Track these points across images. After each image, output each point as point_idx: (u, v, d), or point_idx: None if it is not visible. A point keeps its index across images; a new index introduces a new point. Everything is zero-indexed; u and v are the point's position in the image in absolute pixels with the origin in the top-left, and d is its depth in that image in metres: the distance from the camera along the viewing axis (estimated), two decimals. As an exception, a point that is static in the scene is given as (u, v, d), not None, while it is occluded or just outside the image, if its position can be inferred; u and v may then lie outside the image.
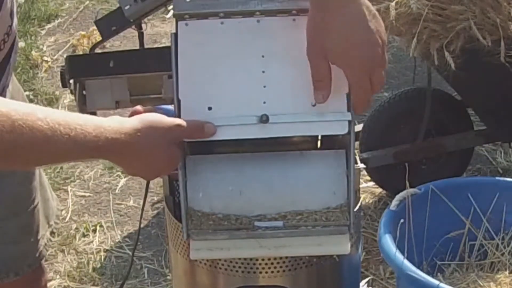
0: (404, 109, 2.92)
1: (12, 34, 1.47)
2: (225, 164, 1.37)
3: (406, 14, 2.37)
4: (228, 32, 1.34)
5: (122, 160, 1.25)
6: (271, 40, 1.33)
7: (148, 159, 1.26)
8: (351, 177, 1.34)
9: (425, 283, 1.91)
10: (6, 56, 1.48)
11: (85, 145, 1.17)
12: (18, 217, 1.76)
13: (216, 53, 1.33)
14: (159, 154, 1.26)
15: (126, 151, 1.22)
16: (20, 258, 1.82)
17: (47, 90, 3.99)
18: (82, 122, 1.17)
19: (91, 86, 1.54)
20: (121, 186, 3.31)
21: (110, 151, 1.21)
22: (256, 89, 1.32)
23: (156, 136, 1.24)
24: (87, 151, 1.19)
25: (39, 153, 1.16)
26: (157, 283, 2.79)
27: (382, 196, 3.10)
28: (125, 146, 1.21)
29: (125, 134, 1.21)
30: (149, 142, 1.24)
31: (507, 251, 2.24)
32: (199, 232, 1.34)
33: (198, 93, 1.31)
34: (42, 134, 1.12)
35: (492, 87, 2.69)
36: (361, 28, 1.28)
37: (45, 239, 1.85)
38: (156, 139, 1.25)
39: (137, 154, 1.24)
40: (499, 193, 2.25)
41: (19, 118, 1.10)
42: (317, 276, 1.45)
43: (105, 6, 4.75)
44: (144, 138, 1.23)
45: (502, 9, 2.33)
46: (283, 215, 1.34)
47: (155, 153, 1.26)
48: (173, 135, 1.27)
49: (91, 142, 1.17)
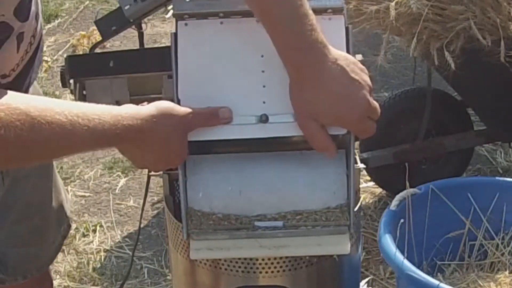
0: (404, 109, 2.92)
1: (38, 35, 1.48)
2: (225, 164, 1.37)
3: (406, 14, 2.37)
4: (228, 32, 1.34)
5: (137, 148, 1.26)
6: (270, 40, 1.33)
7: (162, 146, 1.26)
8: (351, 177, 1.34)
9: (425, 283, 1.91)
10: (32, 56, 1.48)
11: (104, 134, 1.18)
12: (31, 221, 1.76)
13: (215, 52, 1.33)
14: (173, 142, 1.27)
15: (142, 137, 1.23)
16: (30, 262, 1.81)
17: (47, 90, 3.99)
18: (99, 112, 1.18)
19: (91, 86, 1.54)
20: (121, 186, 3.31)
21: (127, 138, 1.22)
22: (255, 89, 1.32)
23: (171, 124, 1.25)
24: (105, 139, 1.20)
25: (59, 147, 1.17)
26: (157, 283, 2.79)
27: (382, 196, 3.10)
28: (141, 132, 1.22)
29: (141, 120, 1.22)
30: (165, 129, 1.25)
31: (507, 251, 2.24)
32: (199, 232, 1.34)
33: (197, 93, 1.31)
34: (62, 128, 1.14)
35: (492, 87, 2.69)
36: (344, 80, 1.28)
37: (57, 243, 1.85)
38: (172, 127, 1.26)
39: (152, 140, 1.25)
40: (499, 193, 2.25)
41: (38, 114, 1.12)
42: (317, 276, 1.45)
43: (105, 6, 4.75)
44: (160, 124, 1.24)
45: (502, 9, 2.33)
46: (283, 215, 1.34)
47: (169, 140, 1.26)
48: (188, 124, 1.28)
49: (110, 130, 1.19)
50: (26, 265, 1.81)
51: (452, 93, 2.98)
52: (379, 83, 3.84)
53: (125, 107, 1.23)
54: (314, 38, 1.25)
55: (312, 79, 1.27)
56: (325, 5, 1.34)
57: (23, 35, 1.40)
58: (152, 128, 1.23)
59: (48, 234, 1.81)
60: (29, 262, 1.81)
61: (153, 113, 1.23)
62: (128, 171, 3.39)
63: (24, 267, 1.80)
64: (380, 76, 3.74)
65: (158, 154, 1.28)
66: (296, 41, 1.25)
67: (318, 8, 1.32)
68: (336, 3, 1.34)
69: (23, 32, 1.39)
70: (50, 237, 1.82)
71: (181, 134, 1.27)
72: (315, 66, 1.26)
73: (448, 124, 2.93)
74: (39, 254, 1.82)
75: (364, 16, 2.44)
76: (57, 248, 1.86)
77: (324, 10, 1.34)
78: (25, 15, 1.39)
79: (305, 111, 1.29)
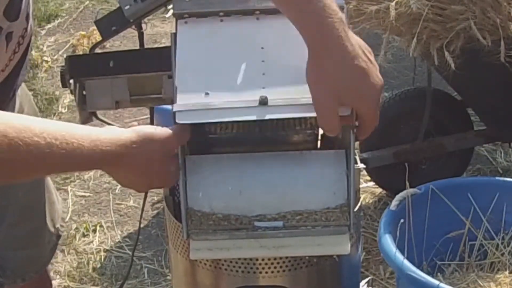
0: (404, 109, 2.92)
1: (27, 36, 1.48)
2: (225, 164, 1.37)
3: (406, 14, 2.37)
4: (228, 27, 1.34)
5: (117, 171, 1.26)
6: (271, 33, 1.33)
7: (143, 171, 1.26)
8: (351, 177, 1.34)
9: (425, 283, 1.91)
10: (21, 58, 1.48)
11: (82, 158, 1.18)
12: (27, 223, 1.76)
13: (215, 44, 1.33)
14: (154, 166, 1.26)
15: (122, 162, 1.23)
16: (28, 264, 1.81)
17: (47, 90, 4.00)
18: (79, 136, 1.17)
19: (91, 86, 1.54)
20: (121, 186, 3.31)
21: (105, 162, 1.22)
22: (255, 76, 1.30)
23: (152, 149, 1.25)
24: (84, 163, 1.20)
25: (37, 168, 1.17)
26: (157, 283, 2.79)
27: (382, 196, 3.10)
28: (121, 157, 1.22)
29: (120, 145, 1.21)
30: (145, 155, 1.24)
31: (507, 251, 2.24)
32: (199, 232, 1.34)
33: (195, 80, 1.30)
34: (39, 150, 1.12)
35: (492, 87, 2.69)
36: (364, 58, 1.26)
37: (51, 243, 1.85)
38: (153, 152, 1.25)
39: (132, 165, 1.24)
40: (499, 193, 2.25)
41: (16, 136, 1.10)
42: (317, 276, 1.44)
43: (105, 6, 4.75)
44: (140, 150, 1.23)
45: (502, 9, 2.33)
46: (283, 215, 1.34)
47: (150, 165, 1.26)
48: (168, 147, 1.27)
49: (87, 155, 1.18)
50: (24, 268, 1.81)
51: (452, 93, 2.98)
52: (379, 83, 3.83)
53: (106, 130, 1.22)
54: (334, 13, 1.23)
55: (335, 52, 1.23)
56: None
57: (12, 35, 1.39)
58: (132, 153, 1.22)
59: (44, 235, 1.81)
60: (27, 264, 1.81)
61: (134, 138, 1.22)
62: (128, 171, 3.39)
63: (22, 269, 1.80)
64: (380, 76, 3.73)
65: (140, 178, 1.28)
66: (318, 15, 1.23)
67: None
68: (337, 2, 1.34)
69: (12, 31, 1.39)
70: (46, 238, 1.82)
71: (162, 159, 1.27)
72: (338, 39, 1.23)
73: (448, 124, 2.93)
74: (36, 255, 1.82)
75: (364, 16, 2.44)
76: (52, 248, 1.86)
77: None
78: (14, 15, 1.38)
79: (324, 86, 1.24)
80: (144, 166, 1.25)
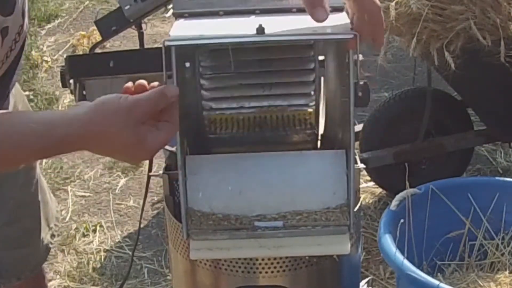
0: (404, 109, 2.92)
1: (23, 34, 1.47)
2: (225, 164, 1.37)
3: (406, 14, 2.37)
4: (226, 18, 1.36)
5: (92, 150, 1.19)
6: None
7: (116, 148, 1.18)
8: (351, 177, 1.34)
9: (425, 283, 1.91)
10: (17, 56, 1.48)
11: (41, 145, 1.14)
12: (21, 222, 1.76)
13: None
14: (124, 138, 1.16)
15: (88, 144, 1.16)
16: (22, 263, 1.81)
17: (47, 90, 3.99)
18: (34, 125, 1.14)
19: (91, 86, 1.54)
20: (121, 186, 3.31)
21: (68, 145, 1.16)
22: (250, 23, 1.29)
23: (117, 122, 1.15)
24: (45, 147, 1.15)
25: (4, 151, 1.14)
26: (157, 283, 2.79)
27: (382, 196, 3.10)
28: (83, 138, 1.15)
29: (79, 127, 1.14)
30: (111, 130, 1.16)
31: (507, 251, 2.24)
32: (199, 232, 1.34)
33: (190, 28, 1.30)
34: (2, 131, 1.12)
35: (492, 87, 2.69)
36: None
37: (46, 242, 1.85)
38: (118, 126, 1.16)
39: (101, 144, 1.17)
40: (499, 193, 2.25)
41: None
42: (317, 276, 1.45)
43: (105, 6, 4.75)
44: (101, 127, 1.15)
45: (502, 9, 2.33)
46: (283, 215, 1.34)
47: (118, 138, 1.16)
48: (136, 115, 1.16)
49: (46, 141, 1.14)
50: (19, 267, 1.81)
51: (452, 93, 2.98)
52: (379, 83, 3.84)
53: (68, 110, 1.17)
54: None
55: None
56: None
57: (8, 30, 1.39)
58: (93, 132, 1.15)
59: (38, 235, 1.81)
60: (23, 263, 1.81)
61: (93, 117, 1.15)
62: (128, 171, 3.39)
63: (17, 269, 1.80)
64: (380, 76, 3.74)
65: (120, 154, 1.21)
66: None
67: None
68: (337, 1, 1.35)
69: (7, 26, 1.38)
70: (40, 238, 1.82)
71: (133, 129, 1.16)
72: None
73: (448, 124, 2.93)
74: (31, 255, 1.82)
75: (364, 16, 2.43)
76: (47, 248, 1.86)
77: None
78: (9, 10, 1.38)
79: None
80: (116, 142, 1.16)
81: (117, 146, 1.17)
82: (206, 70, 1.41)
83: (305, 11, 1.30)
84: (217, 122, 1.42)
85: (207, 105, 1.41)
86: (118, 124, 1.15)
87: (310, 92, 1.41)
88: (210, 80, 1.41)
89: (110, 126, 1.15)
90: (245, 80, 1.41)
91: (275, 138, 1.44)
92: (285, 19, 1.33)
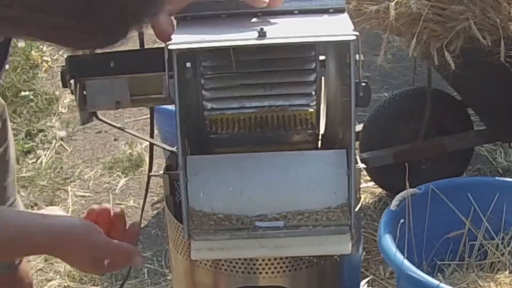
0: (404, 109, 2.92)
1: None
2: (226, 164, 1.37)
3: (406, 14, 2.37)
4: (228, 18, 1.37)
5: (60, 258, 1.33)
6: None
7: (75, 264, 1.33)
8: (352, 177, 1.34)
9: (425, 283, 1.91)
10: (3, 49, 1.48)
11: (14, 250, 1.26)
12: None
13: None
14: (83, 267, 1.34)
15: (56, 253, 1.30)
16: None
17: (47, 90, 3.99)
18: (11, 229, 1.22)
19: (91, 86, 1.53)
20: (121, 186, 3.31)
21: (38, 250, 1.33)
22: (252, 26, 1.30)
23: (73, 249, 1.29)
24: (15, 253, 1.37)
25: None
26: (157, 283, 2.79)
27: (382, 196, 3.10)
28: (42, 253, 1.38)
29: (37, 247, 1.27)
30: (67, 255, 1.30)
31: (507, 251, 2.24)
32: (200, 232, 1.34)
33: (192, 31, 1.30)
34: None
35: (492, 87, 2.69)
36: None
37: None
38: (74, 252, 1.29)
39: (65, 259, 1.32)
40: (499, 193, 2.25)
41: None
42: (318, 276, 1.44)
43: (105, 6, 4.74)
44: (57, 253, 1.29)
45: (502, 9, 2.33)
46: (284, 215, 1.34)
47: (78, 263, 1.32)
48: (96, 254, 1.32)
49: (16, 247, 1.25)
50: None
51: (452, 93, 2.98)
52: (379, 83, 3.84)
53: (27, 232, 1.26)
54: None
55: None
56: (327, 5, 1.35)
57: None
58: (51, 253, 1.29)
59: None
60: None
61: (49, 242, 1.26)
62: (128, 171, 3.39)
63: None
64: (380, 76, 3.74)
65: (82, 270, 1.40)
66: None
67: (320, 8, 1.33)
68: (338, 3, 1.35)
69: None
70: None
71: (92, 263, 1.32)
72: None
73: (448, 124, 2.93)
74: None
75: (364, 16, 2.44)
76: None
77: (326, 10, 1.35)
78: None
79: None
80: (77, 264, 1.32)
81: (79, 266, 1.34)
82: (207, 70, 1.41)
83: (307, 13, 1.30)
84: (218, 122, 1.42)
85: (208, 105, 1.41)
86: (78, 257, 1.31)
87: (311, 92, 1.41)
88: (211, 80, 1.41)
89: (67, 253, 1.29)
90: (246, 80, 1.41)
91: (276, 138, 1.43)
92: (287, 21, 1.33)
